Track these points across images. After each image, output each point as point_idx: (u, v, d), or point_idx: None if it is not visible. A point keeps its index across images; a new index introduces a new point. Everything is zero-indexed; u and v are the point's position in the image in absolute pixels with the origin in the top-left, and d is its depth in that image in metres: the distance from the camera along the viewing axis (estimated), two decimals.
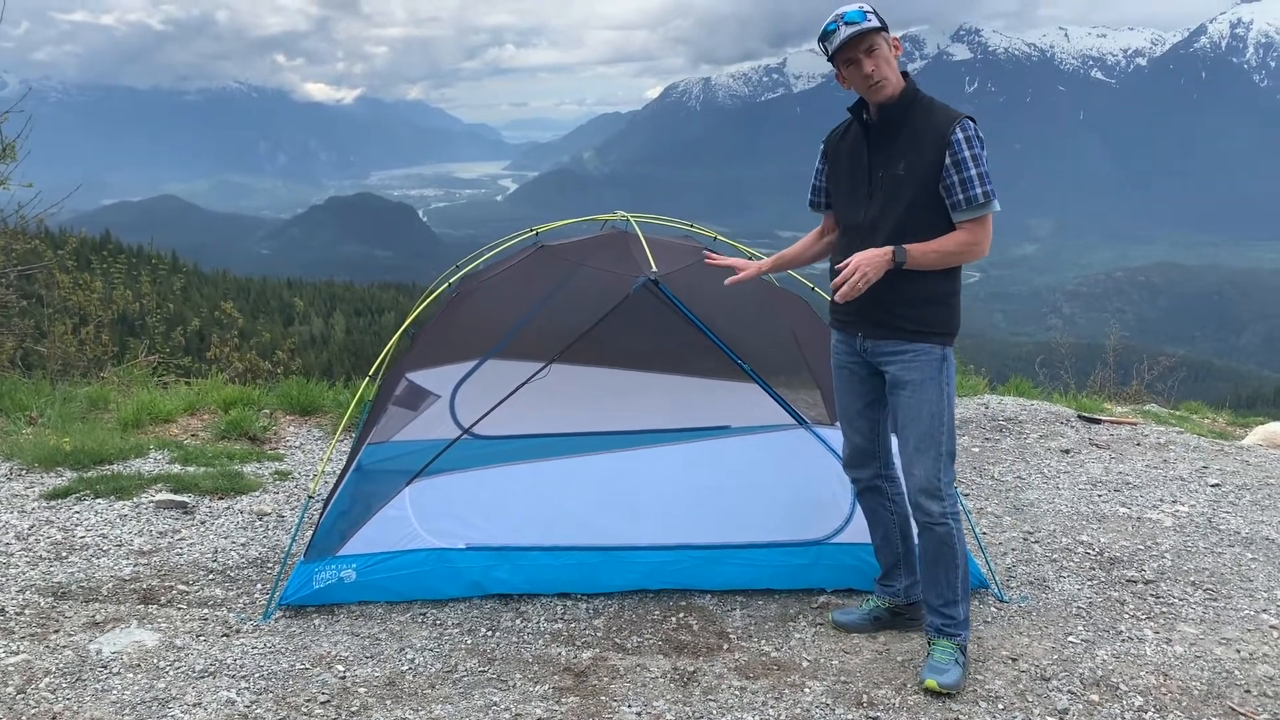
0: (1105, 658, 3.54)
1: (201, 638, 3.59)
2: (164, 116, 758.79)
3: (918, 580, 3.57)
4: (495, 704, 3.19)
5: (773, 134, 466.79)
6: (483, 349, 4.47)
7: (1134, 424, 7.13)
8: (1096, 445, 6.52)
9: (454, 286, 5.20)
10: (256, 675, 3.33)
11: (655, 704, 3.20)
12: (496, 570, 3.96)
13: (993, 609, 3.94)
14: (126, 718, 3.06)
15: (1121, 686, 3.34)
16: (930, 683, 3.23)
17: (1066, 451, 6.36)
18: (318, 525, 4.01)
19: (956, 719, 3.13)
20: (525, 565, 3.97)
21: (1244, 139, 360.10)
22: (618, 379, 4.50)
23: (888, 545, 3.70)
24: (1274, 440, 6.91)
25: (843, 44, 3.13)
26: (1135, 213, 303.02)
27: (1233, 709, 3.21)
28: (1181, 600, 4.07)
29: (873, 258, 3.11)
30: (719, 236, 5.25)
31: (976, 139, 3.12)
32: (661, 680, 3.35)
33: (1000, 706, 3.21)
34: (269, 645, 3.54)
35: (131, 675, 3.30)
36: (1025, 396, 8.03)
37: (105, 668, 3.35)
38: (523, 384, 4.04)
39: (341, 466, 4.80)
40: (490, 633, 3.71)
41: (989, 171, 3.12)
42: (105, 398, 6.96)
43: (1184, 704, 3.24)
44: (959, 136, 3.11)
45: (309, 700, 3.19)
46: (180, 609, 3.85)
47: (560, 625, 3.78)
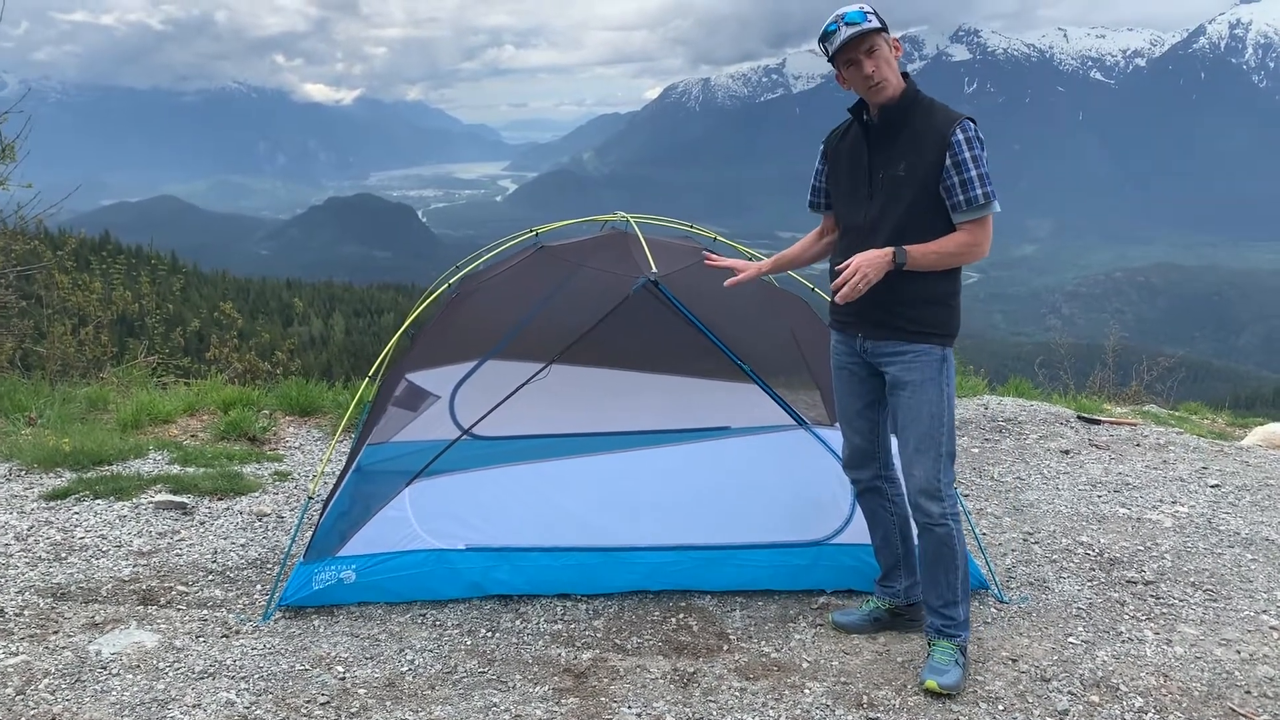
0: (1105, 659, 3.54)
1: (201, 639, 3.59)
2: (163, 117, 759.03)
3: (918, 581, 3.57)
4: (495, 705, 3.19)
5: (772, 134, 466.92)
6: (482, 350, 4.47)
7: (1133, 425, 7.13)
8: (1096, 446, 6.52)
9: (454, 287, 5.19)
10: (256, 676, 3.33)
11: (655, 705, 3.20)
12: (496, 571, 3.96)
13: (993, 610, 3.94)
14: (126, 719, 3.06)
15: (1122, 687, 3.34)
16: (930, 684, 3.23)
17: (1066, 452, 6.36)
18: (317, 526, 4.01)
19: None
20: (525, 566, 3.97)
21: (1243, 140, 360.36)
22: (617, 380, 4.50)
23: (888, 546, 3.70)
24: (1273, 441, 6.91)
25: (843, 45, 3.13)
26: (1134, 213, 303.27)
27: (1233, 710, 3.21)
28: (1181, 601, 4.07)
29: (873, 259, 3.11)
30: (719, 237, 5.25)
31: (977, 140, 3.13)
32: (661, 681, 3.35)
33: (1000, 707, 3.21)
34: (268, 646, 3.54)
35: (131, 676, 3.30)
36: (1025, 397, 8.04)
37: (105, 669, 3.34)
38: (522, 384, 4.04)
39: (341, 467, 4.80)
40: (490, 634, 3.71)
41: (989, 172, 3.12)
42: (104, 398, 6.96)
43: (1184, 705, 3.24)
44: (959, 137, 3.11)
45: (309, 701, 3.18)
46: (180, 610, 3.85)
47: (560, 626, 3.78)
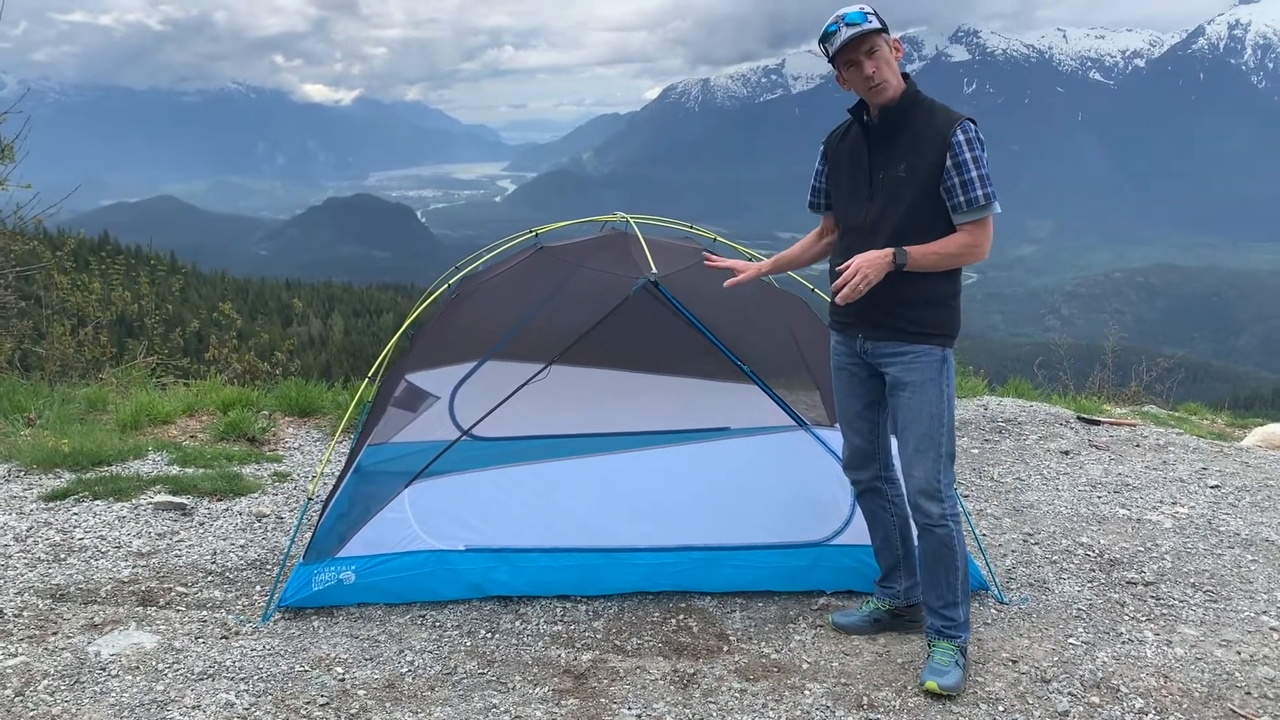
0: (1106, 660, 3.54)
1: (200, 640, 3.58)
2: (162, 117, 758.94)
3: (918, 582, 3.57)
4: (495, 706, 3.19)
5: (771, 135, 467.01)
6: (482, 350, 4.46)
7: (1133, 425, 7.13)
8: (1096, 447, 6.52)
9: (453, 288, 5.19)
10: (255, 677, 3.32)
11: (655, 706, 3.19)
12: (496, 572, 3.95)
13: (993, 611, 3.94)
14: None
15: (1122, 688, 3.34)
16: (930, 685, 3.23)
17: (1066, 453, 6.36)
18: (317, 527, 4.00)
19: None
20: (525, 567, 3.97)
21: (1242, 140, 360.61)
22: (617, 380, 4.49)
23: (888, 547, 3.70)
24: (1273, 441, 6.91)
25: (843, 45, 3.13)
26: (1133, 214, 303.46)
27: (1233, 711, 3.21)
28: (1181, 602, 4.07)
29: (873, 260, 3.11)
30: (718, 238, 5.25)
31: (977, 141, 3.12)
32: (661, 682, 3.35)
33: (1001, 709, 3.20)
34: (268, 647, 3.53)
35: (130, 677, 3.30)
36: (1024, 398, 8.04)
37: (104, 670, 3.34)
38: (522, 385, 4.04)
39: (340, 468, 4.79)
40: (490, 635, 3.71)
41: (990, 173, 3.12)
42: (104, 399, 6.95)
43: (1184, 706, 3.24)
44: (960, 138, 3.11)
45: (308, 702, 3.18)
46: (179, 611, 3.84)
47: (560, 627, 3.77)
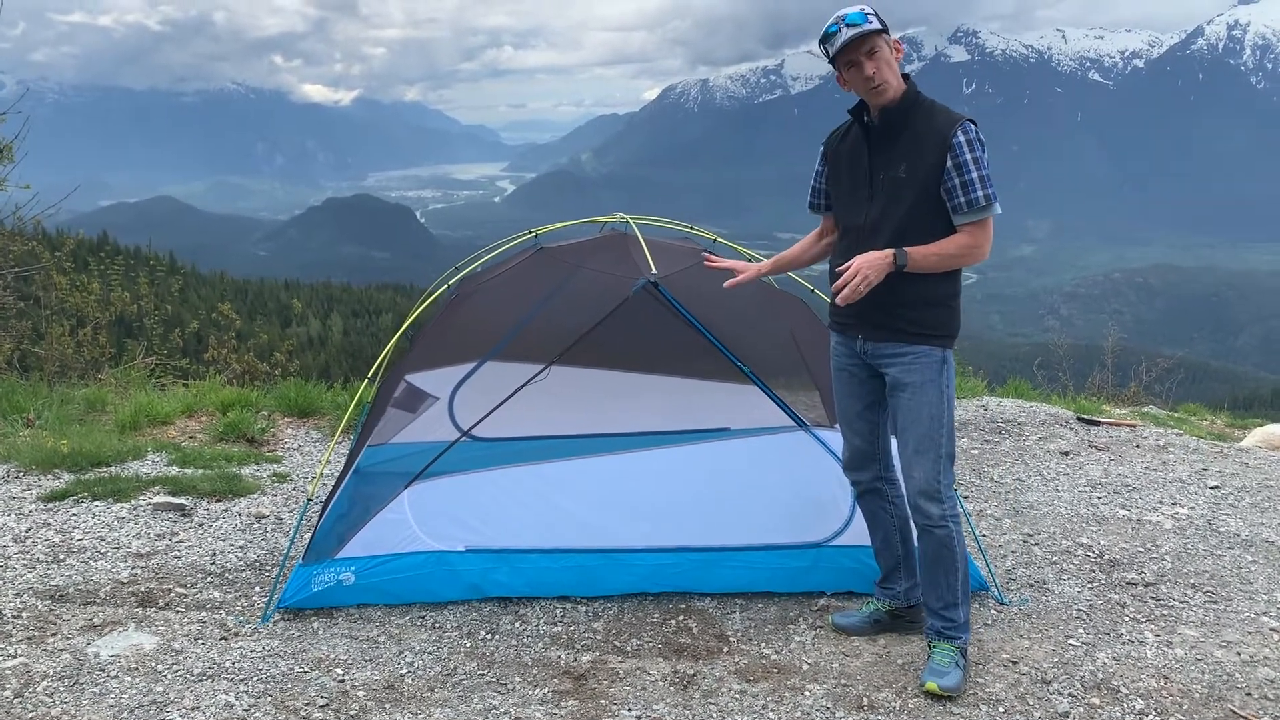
0: (1106, 660, 3.54)
1: (200, 641, 3.58)
2: (161, 118, 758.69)
3: (918, 583, 3.57)
4: (494, 707, 3.18)
5: (770, 135, 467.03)
6: (482, 351, 4.45)
7: (1133, 426, 7.13)
8: (1096, 447, 6.52)
9: (453, 288, 5.19)
10: (255, 678, 3.32)
11: (655, 707, 3.19)
12: (495, 573, 3.95)
13: (993, 611, 3.94)
14: None
15: (1122, 689, 3.33)
16: (931, 685, 3.23)
17: (1066, 454, 6.35)
18: (316, 528, 4.00)
19: None
20: (524, 568, 3.97)
21: (1241, 141, 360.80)
22: (617, 381, 4.49)
23: (888, 548, 3.70)
24: (1272, 442, 6.91)
25: (844, 46, 3.13)
26: (1132, 214, 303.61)
27: (1234, 712, 3.21)
28: (1182, 603, 4.07)
29: (873, 260, 3.11)
30: (718, 238, 5.24)
31: (978, 142, 3.12)
32: (661, 683, 3.35)
33: (1001, 710, 3.20)
34: (267, 648, 3.53)
35: (129, 679, 3.29)
36: (1024, 398, 8.03)
37: (103, 671, 3.34)
38: (522, 386, 4.04)
39: (339, 469, 4.79)
40: (489, 636, 3.70)
41: (990, 174, 3.12)
42: (103, 399, 6.95)
43: (1185, 707, 3.24)
44: (960, 139, 3.10)
45: (307, 704, 3.17)
46: (178, 612, 3.84)
47: (560, 628, 3.77)
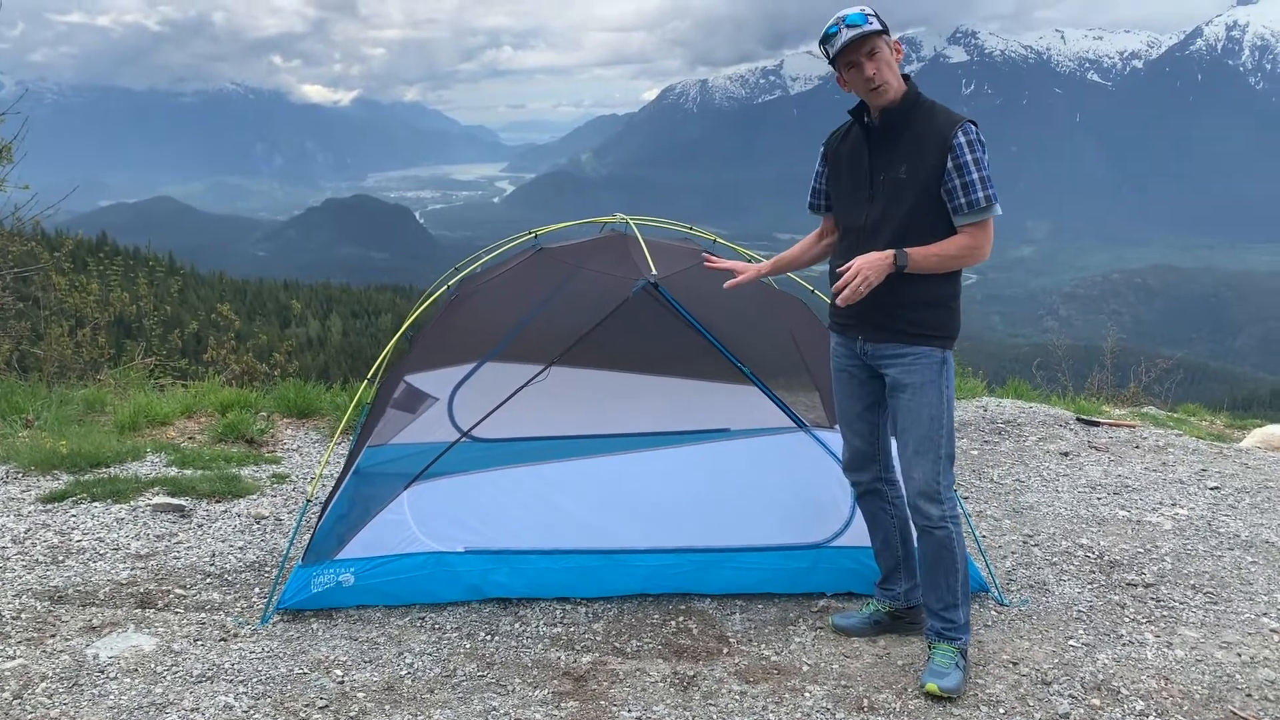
0: (1106, 661, 3.53)
1: (199, 642, 3.57)
2: (160, 118, 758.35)
3: (918, 584, 3.57)
4: (494, 709, 3.18)
5: (770, 136, 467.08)
6: (481, 351, 4.45)
7: (1132, 427, 7.13)
8: (1095, 448, 6.52)
9: (453, 289, 5.19)
10: (254, 680, 3.31)
11: (655, 708, 3.19)
12: (495, 574, 3.94)
13: (993, 612, 3.93)
14: None
15: (1123, 690, 3.33)
16: (931, 687, 3.23)
17: (1065, 454, 6.35)
18: (316, 529, 3.99)
19: None
20: (524, 569, 3.96)
21: (1240, 141, 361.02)
22: (617, 381, 4.48)
23: (888, 549, 3.69)
24: (1271, 442, 6.90)
25: (844, 47, 3.12)
26: (1131, 215, 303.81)
27: (1234, 713, 3.21)
28: (1182, 604, 4.06)
29: (874, 261, 3.10)
30: (718, 239, 5.24)
31: (978, 143, 3.12)
32: (661, 684, 3.34)
33: (1001, 711, 3.20)
34: (267, 650, 3.53)
35: (129, 680, 3.29)
36: (1023, 399, 8.03)
37: (102, 672, 3.33)
38: (522, 387, 4.04)
39: (339, 469, 4.78)
40: (489, 637, 3.70)
41: (990, 175, 3.12)
42: (102, 400, 6.94)
43: (1185, 708, 3.24)
44: (960, 140, 3.10)
45: (307, 705, 3.17)
46: (177, 613, 3.83)
47: (559, 629, 3.77)
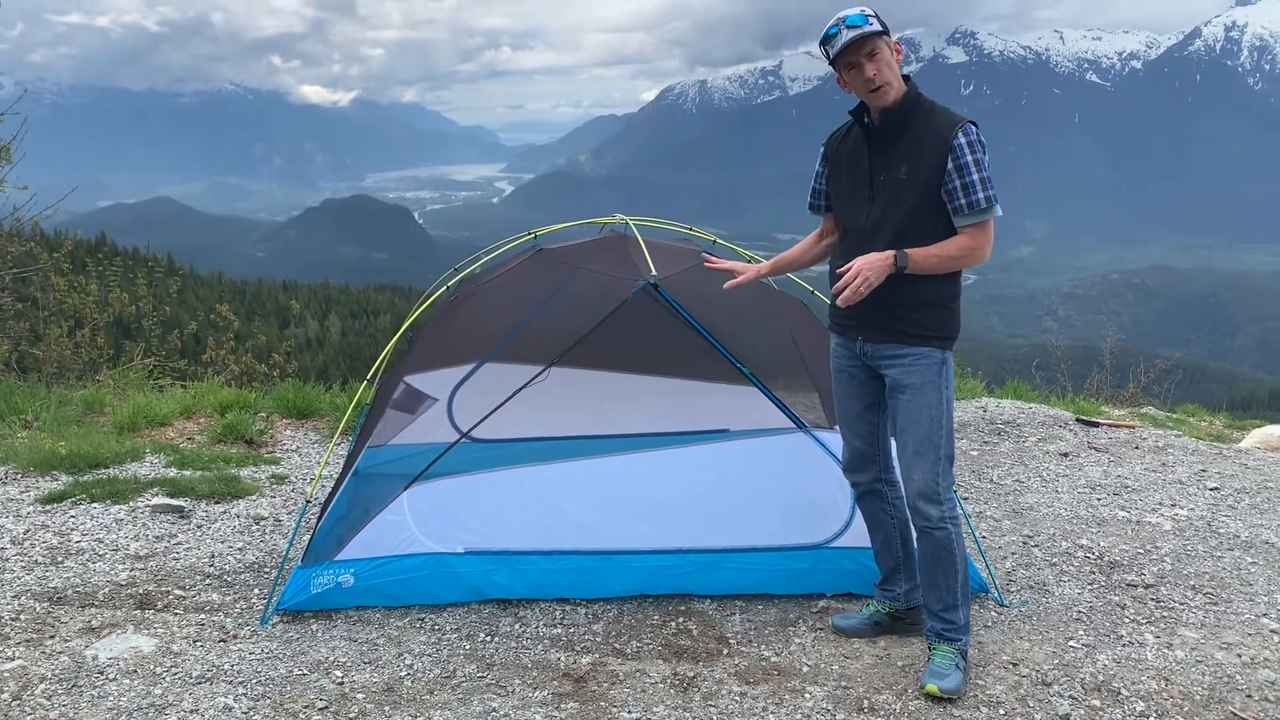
0: (1106, 662, 3.53)
1: (198, 643, 3.57)
2: (159, 118, 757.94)
3: (918, 585, 3.56)
4: (494, 710, 3.18)
5: (768, 136, 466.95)
6: (481, 352, 4.45)
7: (1132, 427, 7.13)
8: (1095, 449, 6.52)
9: (452, 290, 5.18)
10: (254, 681, 3.31)
11: (655, 709, 3.18)
12: (495, 575, 3.94)
13: (993, 613, 3.93)
14: None
15: (1123, 691, 3.33)
16: (931, 688, 3.23)
17: (1065, 455, 6.35)
18: (315, 530, 3.99)
19: None
20: (524, 570, 3.96)
21: (1238, 142, 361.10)
22: (616, 382, 4.48)
23: (888, 549, 3.69)
24: (1270, 443, 6.91)
25: (844, 48, 3.12)
26: (1130, 215, 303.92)
27: (1234, 714, 3.21)
28: (1182, 604, 4.06)
29: (874, 262, 3.10)
30: (718, 240, 5.24)
31: (979, 144, 3.12)
32: (661, 686, 3.34)
33: (1001, 712, 3.20)
34: (266, 651, 3.52)
35: (128, 681, 3.28)
36: (1023, 399, 8.03)
37: (101, 674, 3.32)
38: (521, 387, 4.03)
39: (338, 470, 4.78)
40: (489, 638, 3.69)
41: (991, 176, 3.11)
42: (101, 401, 6.94)
43: (1185, 709, 3.23)
44: (961, 141, 3.10)
45: (307, 706, 3.17)
46: (177, 614, 3.83)
47: (559, 630, 3.76)
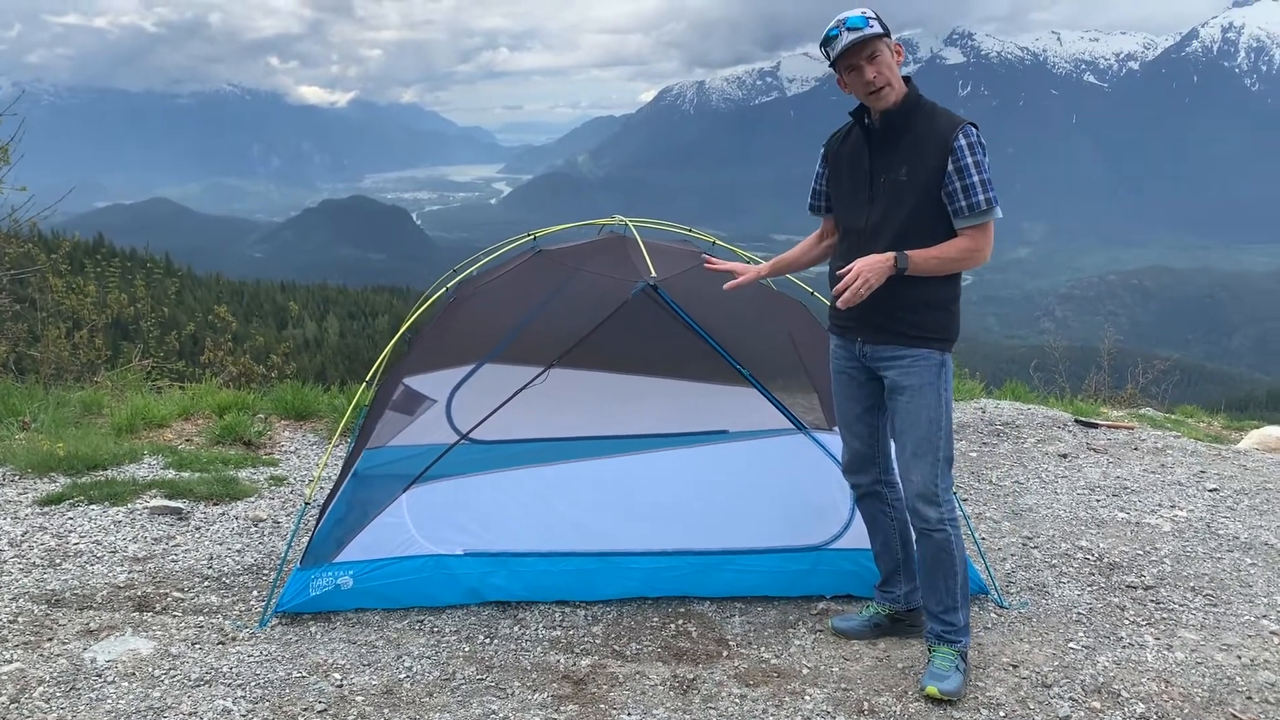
0: (1106, 664, 3.53)
1: (197, 646, 3.56)
2: (157, 119, 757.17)
3: (917, 586, 3.56)
4: (494, 712, 3.17)
5: (766, 137, 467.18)
6: (480, 353, 4.44)
7: (1131, 428, 7.13)
8: (1094, 450, 6.52)
9: (451, 291, 5.17)
10: (252, 684, 3.30)
11: (655, 712, 3.18)
12: (494, 577, 3.94)
13: (993, 615, 3.93)
14: None
15: (1123, 693, 3.33)
16: (931, 690, 3.22)
17: (1064, 456, 6.35)
18: (314, 531, 3.98)
19: None
20: (523, 572, 3.96)
21: (1235, 143, 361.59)
22: (616, 384, 4.48)
23: (887, 551, 3.69)
24: (1268, 444, 6.91)
25: (845, 50, 3.12)
26: (1127, 216, 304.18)
27: (1234, 716, 3.21)
28: (1181, 606, 4.06)
29: (874, 264, 3.10)
30: (718, 241, 5.23)
31: (979, 145, 3.11)
32: (661, 688, 3.33)
33: (1001, 714, 3.19)
34: (265, 653, 3.51)
35: (126, 684, 3.27)
36: (1021, 401, 8.03)
37: (100, 676, 3.32)
38: (521, 389, 4.03)
39: (337, 472, 4.77)
40: (488, 640, 3.69)
41: (991, 178, 3.11)
42: (99, 402, 6.93)
43: (1186, 711, 3.23)
44: (961, 143, 3.10)
45: (306, 709, 3.16)
46: (175, 616, 3.82)
47: (559, 632, 3.76)
